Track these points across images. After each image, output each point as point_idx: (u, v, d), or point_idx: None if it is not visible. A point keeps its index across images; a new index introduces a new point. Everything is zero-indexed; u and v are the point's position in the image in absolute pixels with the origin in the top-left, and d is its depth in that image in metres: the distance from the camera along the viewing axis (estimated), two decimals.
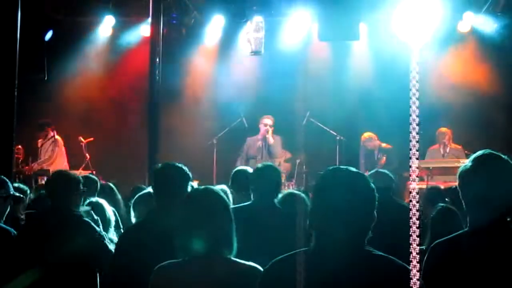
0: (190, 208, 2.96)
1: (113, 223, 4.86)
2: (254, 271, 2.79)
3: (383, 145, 10.60)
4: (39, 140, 10.68)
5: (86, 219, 4.30)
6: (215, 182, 9.60)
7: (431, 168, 9.28)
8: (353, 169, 2.45)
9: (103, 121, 11.78)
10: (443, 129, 10.26)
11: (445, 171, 9.33)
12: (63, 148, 10.71)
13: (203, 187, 3.19)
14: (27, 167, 10.10)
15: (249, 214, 4.34)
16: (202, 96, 12.01)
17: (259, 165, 4.92)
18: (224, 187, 5.18)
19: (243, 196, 5.11)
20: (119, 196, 6.05)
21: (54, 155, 10.47)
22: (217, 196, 2.98)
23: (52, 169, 10.04)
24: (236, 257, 2.91)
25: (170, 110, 11.18)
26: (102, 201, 4.95)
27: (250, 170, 5.39)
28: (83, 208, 4.43)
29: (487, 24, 11.05)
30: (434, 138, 10.32)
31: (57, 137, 10.61)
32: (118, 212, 5.29)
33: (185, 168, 3.92)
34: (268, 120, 10.55)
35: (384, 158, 10.47)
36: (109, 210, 4.89)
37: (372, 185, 2.42)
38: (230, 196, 5.06)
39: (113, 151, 11.48)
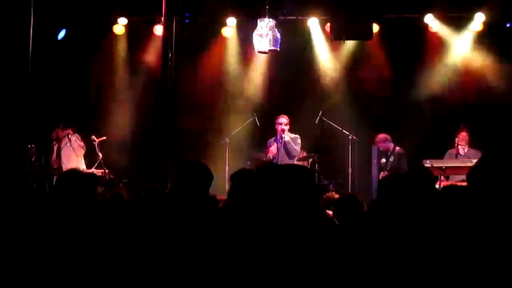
0: None
1: None
2: None
3: (397, 148, 10.34)
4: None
5: None
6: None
7: (443, 167, 9.20)
8: None
9: (116, 120, 11.78)
10: (461, 131, 10.07)
11: (459, 171, 9.24)
12: (73, 149, 10.71)
13: None
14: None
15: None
16: (215, 95, 12.00)
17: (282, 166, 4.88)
18: None
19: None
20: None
21: (58, 156, 10.58)
22: None
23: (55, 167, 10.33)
24: None
25: (182, 109, 11.17)
26: None
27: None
28: None
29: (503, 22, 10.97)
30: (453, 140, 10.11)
31: (70, 138, 10.68)
32: None
33: (207, 167, 4.03)
34: (282, 119, 10.37)
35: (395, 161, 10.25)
36: None
37: None
38: None
39: (125, 150, 11.48)
